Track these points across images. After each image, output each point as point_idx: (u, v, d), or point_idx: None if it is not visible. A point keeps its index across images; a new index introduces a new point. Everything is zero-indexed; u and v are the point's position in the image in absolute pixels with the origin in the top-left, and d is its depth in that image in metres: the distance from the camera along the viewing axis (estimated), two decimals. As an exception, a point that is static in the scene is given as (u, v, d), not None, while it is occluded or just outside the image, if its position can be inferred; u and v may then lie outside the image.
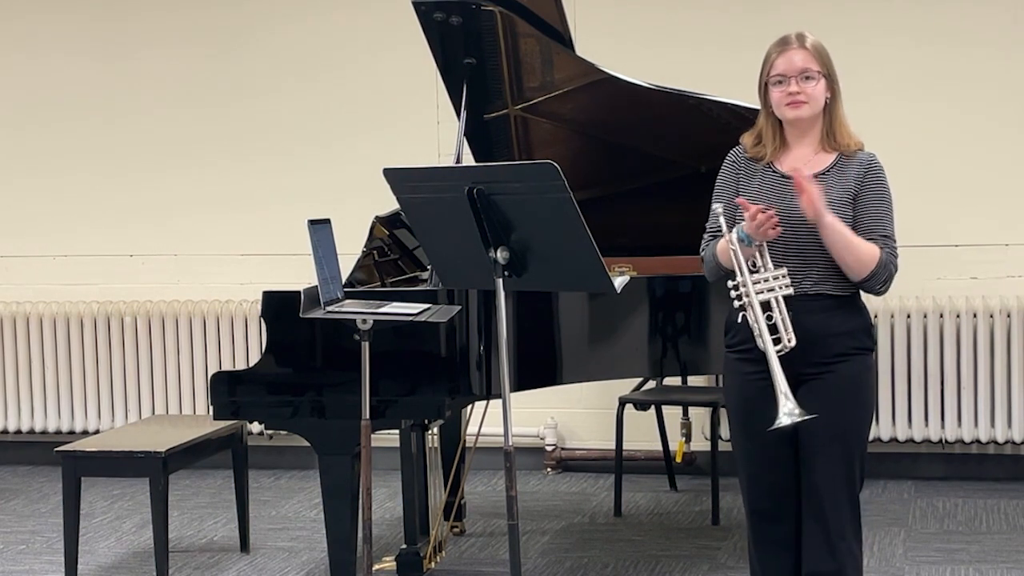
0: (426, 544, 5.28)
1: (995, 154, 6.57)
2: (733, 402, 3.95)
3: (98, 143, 7.39)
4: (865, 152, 3.84)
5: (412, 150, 6.63)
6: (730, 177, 3.92)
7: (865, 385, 3.85)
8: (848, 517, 3.81)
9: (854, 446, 3.81)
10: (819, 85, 3.78)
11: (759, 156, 3.88)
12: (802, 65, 3.78)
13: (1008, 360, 6.50)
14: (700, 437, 6.76)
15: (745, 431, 3.90)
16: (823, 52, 3.82)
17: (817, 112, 3.80)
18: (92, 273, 7.39)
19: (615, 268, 4.97)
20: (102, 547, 5.87)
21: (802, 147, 3.84)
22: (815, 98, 3.78)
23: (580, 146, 5.52)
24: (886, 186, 3.81)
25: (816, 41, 3.83)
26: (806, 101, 3.77)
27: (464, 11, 5.06)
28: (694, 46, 6.76)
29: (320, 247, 4.35)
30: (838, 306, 3.78)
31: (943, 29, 6.58)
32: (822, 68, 3.79)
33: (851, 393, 3.80)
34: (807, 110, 3.78)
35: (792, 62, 3.78)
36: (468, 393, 4.74)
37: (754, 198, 3.81)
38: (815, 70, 3.78)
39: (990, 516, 6.03)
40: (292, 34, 7.21)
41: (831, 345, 3.76)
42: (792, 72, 3.77)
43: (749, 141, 3.92)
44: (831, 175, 3.78)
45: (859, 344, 3.81)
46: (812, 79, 3.78)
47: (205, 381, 6.92)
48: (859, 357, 3.81)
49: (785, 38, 3.85)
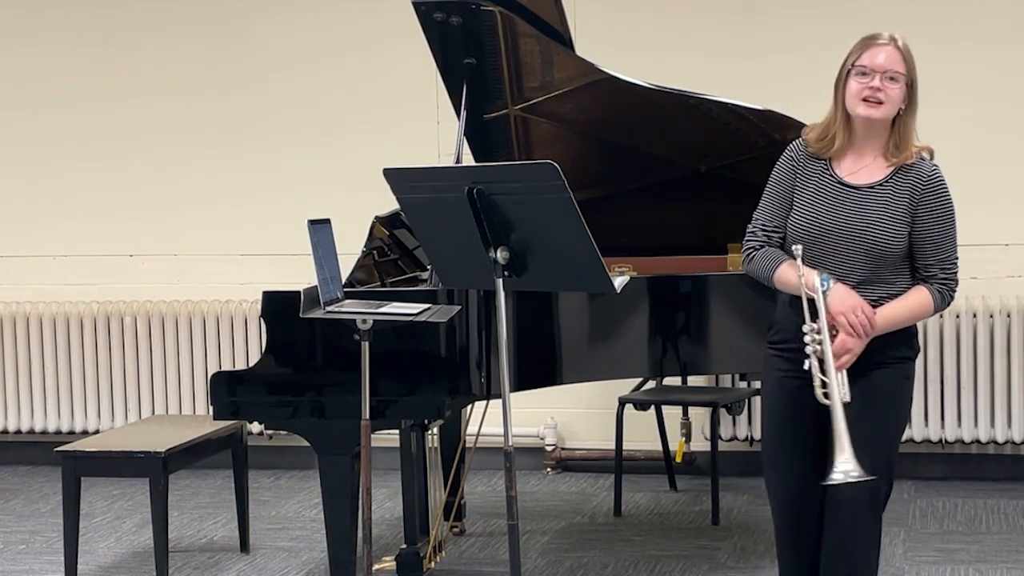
0: (426, 544, 5.28)
1: (995, 154, 6.57)
2: (767, 398, 3.94)
3: (98, 143, 7.39)
4: (928, 163, 3.73)
5: (412, 150, 6.62)
6: (787, 174, 3.81)
7: (898, 394, 3.79)
8: (867, 526, 3.77)
9: (879, 455, 3.73)
10: (900, 89, 3.67)
11: (822, 152, 3.77)
12: (888, 64, 3.66)
13: (1008, 360, 6.50)
14: (700, 437, 6.76)
15: (775, 426, 3.89)
16: (911, 57, 3.70)
17: (890, 116, 3.69)
18: (92, 273, 7.39)
19: (615, 268, 4.97)
20: (102, 547, 5.87)
21: (865, 151, 3.73)
22: (893, 100, 3.67)
23: (580, 146, 5.52)
24: (949, 202, 3.71)
25: (907, 45, 3.71)
26: (883, 101, 3.65)
27: (464, 11, 5.05)
28: (694, 46, 6.76)
29: (320, 247, 4.35)
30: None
31: (943, 29, 6.58)
32: (907, 73, 3.68)
33: (882, 401, 3.74)
34: (882, 111, 3.66)
35: (879, 59, 3.66)
36: (468, 393, 4.74)
37: (809, 201, 3.74)
38: (900, 72, 3.67)
39: (990, 516, 6.03)
40: (292, 35, 7.21)
41: (871, 353, 3.69)
42: (878, 68, 3.66)
43: (814, 135, 3.79)
44: (887, 187, 3.70)
45: (898, 353, 3.75)
46: (896, 81, 3.66)
47: (205, 381, 6.91)
48: (897, 365, 3.76)
49: (876, 34, 3.73)
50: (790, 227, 3.80)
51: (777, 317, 3.89)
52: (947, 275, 3.72)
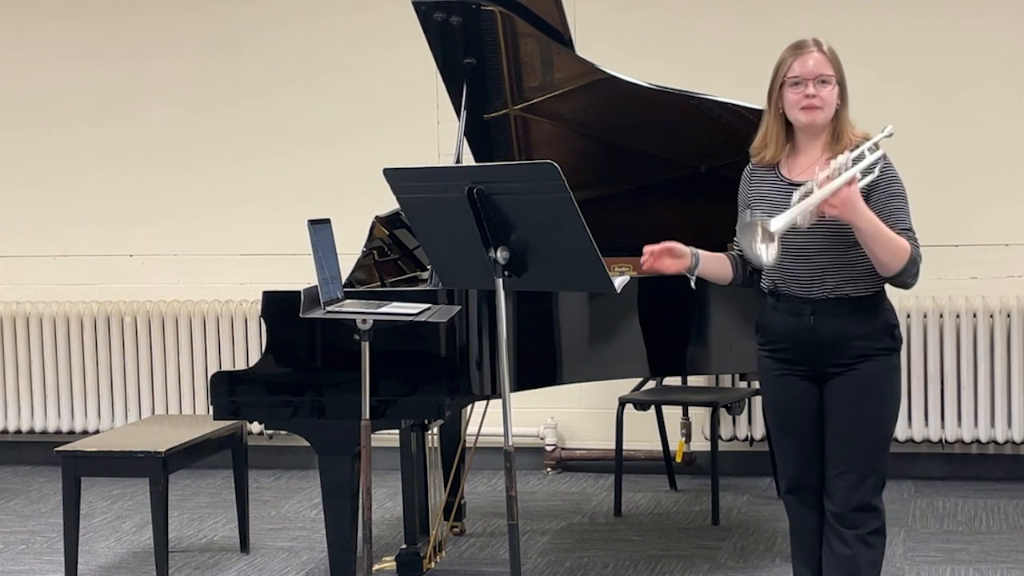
0: (426, 544, 5.28)
1: (995, 154, 6.57)
2: (766, 396, 4.08)
3: (98, 143, 7.39)
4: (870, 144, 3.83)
5: (412, 150, 6.62)
6: (744, 193, 4.00)
7: (887, 384, 3.90)
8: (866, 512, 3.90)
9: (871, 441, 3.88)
10: (833, 90, 3.82)
11: (764, 161, 3.91)
12: (818, 69, 3.80)
13: (1008, 360, 6.50)
14: (700, 437, 6.76)
15: (779, 426, 4.03)
16: (837, 58, 3.85)
17: (829, 117, 3.83)
18: (92, 273, 7.39)
19: (615, 268, 4.97)
20: (102, 547, 5.87)
21: (811, 151, 3.86)
22: (829, 103, 3.81)
23: (580, 146, 5.52)
24: (897, 180, 3.82)
25: (831, 47, 3.86)
26: (821, 106, 3.80)
27: (464, 11, 5.06)
28: (694, 46, 6.76)
29: (320, 247, 4.36)
30: (859, 308, 3.82)
31: (943, 29, 6.58)
32: (835, 73, 3.82)
33: (872, 391, 3.85)
34: (821, 115, 3.81)
35: (809, 65, 3.81)
36: (468, 393, 4.74)
37: (763, 204, 3.86)
38: (830, 75, 3.81)
39: (990, 516, 6.03)
40: (292, 34, 7.21)
41: (853, 348, 3.83)
42: (809, 75, 3.80)
43: (754, 149, 3.95)
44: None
45: (882, 345, 3.86)
46: (827, 83, 3.80)
47: (205, 381, 6.91)
48: (882, 357, 3.86)
49: (801, 42, 3.87)
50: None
51: (759, 320, 4.00)
52: (915, 242, 3.78)
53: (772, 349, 3.96)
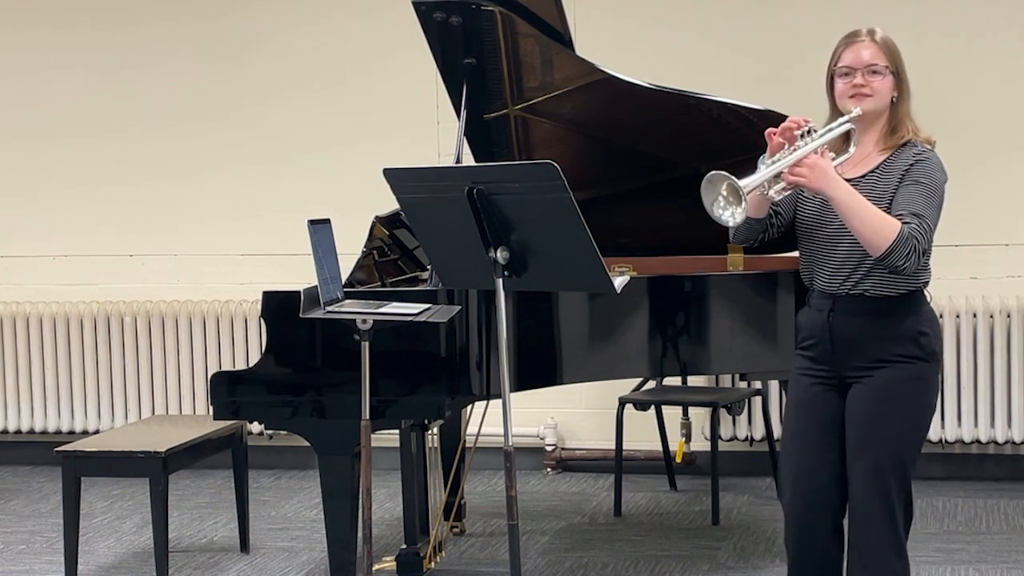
0: (426, 544, 5.28)
1: (995, 154, 6.57)
2: (789, 396, 3.96)
3: (98, 144, 7.39)
4: (921, 145, 3.76)
5: (412, 150, 6.62)
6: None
7: (905, 395, 3.73)
8: (884, 531, 3.72)
9: (889, 457, 3.71)
10: (886, 80, 3.74)
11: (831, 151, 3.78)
12: (869, 59, 3.74)
13: (1008, 360, 6.50)
14: (700, 437, 6.76)
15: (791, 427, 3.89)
16: (893, 48, 3.78)
17: (881, 108, 3.76)
18: (92, 273, 7.39)
19: (615, 268, 4.97)
20: (102, 547, 5.87)
21: (864, 144, 3.77)
22: (880, 92, 3.74)
23: (580, 146, 5.52)
24: (930, 174, 3.71)
25: (886, 36, 3.79)
26: (871, 94, 3.73)
27: (464, 11, 5.05)
28: (694, 46, 6.76)
29: (320, 247, 4.36)
30: (880, 308, 3.71)
31: (943, 29, 6.58)
32: (890, 64, 3.75)
33: (887, 402, 3.71)
34: (871, 103, 3.73)
35: (859, 55, 3.75)
36: (468, 393, 4.74)
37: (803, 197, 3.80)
38: (882, 65, 3.74)
39: (990, 516, 6.03)
40: (292, 35, 7.21)
41: (871, 350, 3.71)
42: (859, 65, 3.74)
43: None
44: (877, 172, 3.73)
45: (903, 352, 3.71)
46: (879, 74, 3.74)
47: (205, 381, 6.91)
48: (902, 364, 3.71)
49: (855, 32, 3.82)
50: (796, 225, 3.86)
51: (799, 318, 3.91)
52: (916, 225, 3.63)
53: (801, 347, 3.86)
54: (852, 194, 3.62)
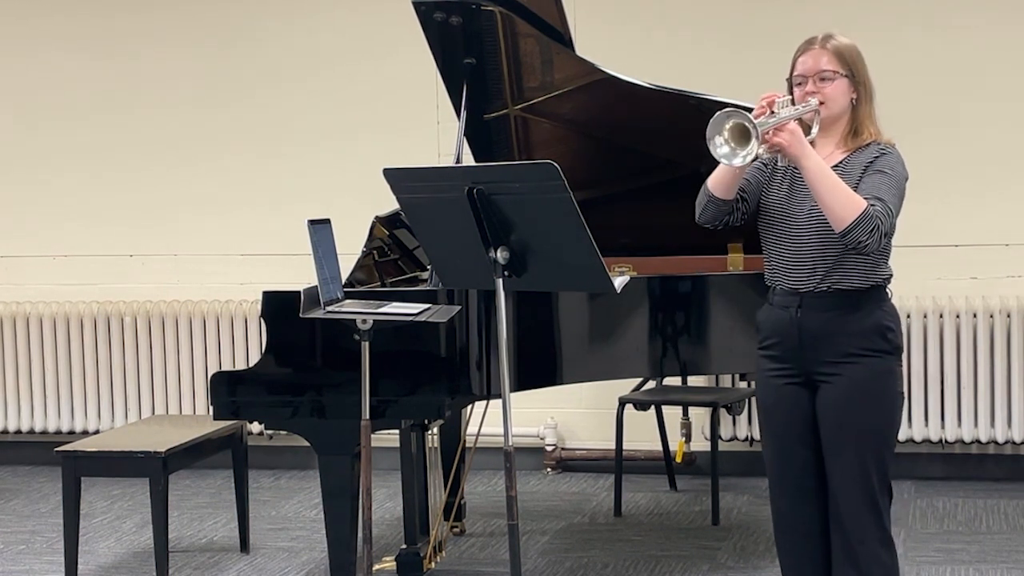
0: (426, 544, 5.28)
1: (995, 154, 6.57)
2: (759, 400, 4.01)
3: (98, 143, 7.39)
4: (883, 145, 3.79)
5: (412, 150, 6.63)
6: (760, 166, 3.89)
7: (877, 389, 3.76)
8: (868, 522, 3.76)
9: (868, 450, 3.76)
10: (837, 85, 3.76)
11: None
12: (818, 66, 3.77)
13: (1008, 360, 6.50)
14: (700, 437, 6.76)
15: (767, 429, 3.96)
16: (846, 53, 3.79)
17: (836, 113, 3.78)
18: (92, 273, 7.39)
19: (615, 268, 4.97)
20: (102, 547, 5.87)
21: (825, 146, 3.81)
22: (832, 98, 3.76)
23: (580, 146, 5.52)
24: (893, 166, 3.73)
25: (840, 43, 3.80)
26: (823, 101, 3.76)
27: (464, 11, 5.06)
28: (694, 46, 6.76)
29: (320, 247, 4.36)
30: (848, 303, 3.74)
31: (943, 28, 6.58)
32: (841, 68, 3.76)
33: (860, 397, 3.74)
34: (824, 110, 3.76)
35: (809, 63, 3.79)
36: (468, 393, 4.74)
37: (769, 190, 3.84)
38: (831, 70, 3.76)
39: (990, 516, 6.03)
40: (292, 34, 7.21)
41: (840, 344, 3.74)
42: (809, 73, 3.78)
43: None
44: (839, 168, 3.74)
45: (872, 346, 3.75)
46: (829, 79, 3.76)
47: (205, 381, 6.92)
48: (871, 360, 3.74)
49: (810, 39, 3.84)
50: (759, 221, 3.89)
51: (760, 318, 3.94)
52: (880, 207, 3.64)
53: (763, 346, 3.90)
54: (823, 165, 3.65)
